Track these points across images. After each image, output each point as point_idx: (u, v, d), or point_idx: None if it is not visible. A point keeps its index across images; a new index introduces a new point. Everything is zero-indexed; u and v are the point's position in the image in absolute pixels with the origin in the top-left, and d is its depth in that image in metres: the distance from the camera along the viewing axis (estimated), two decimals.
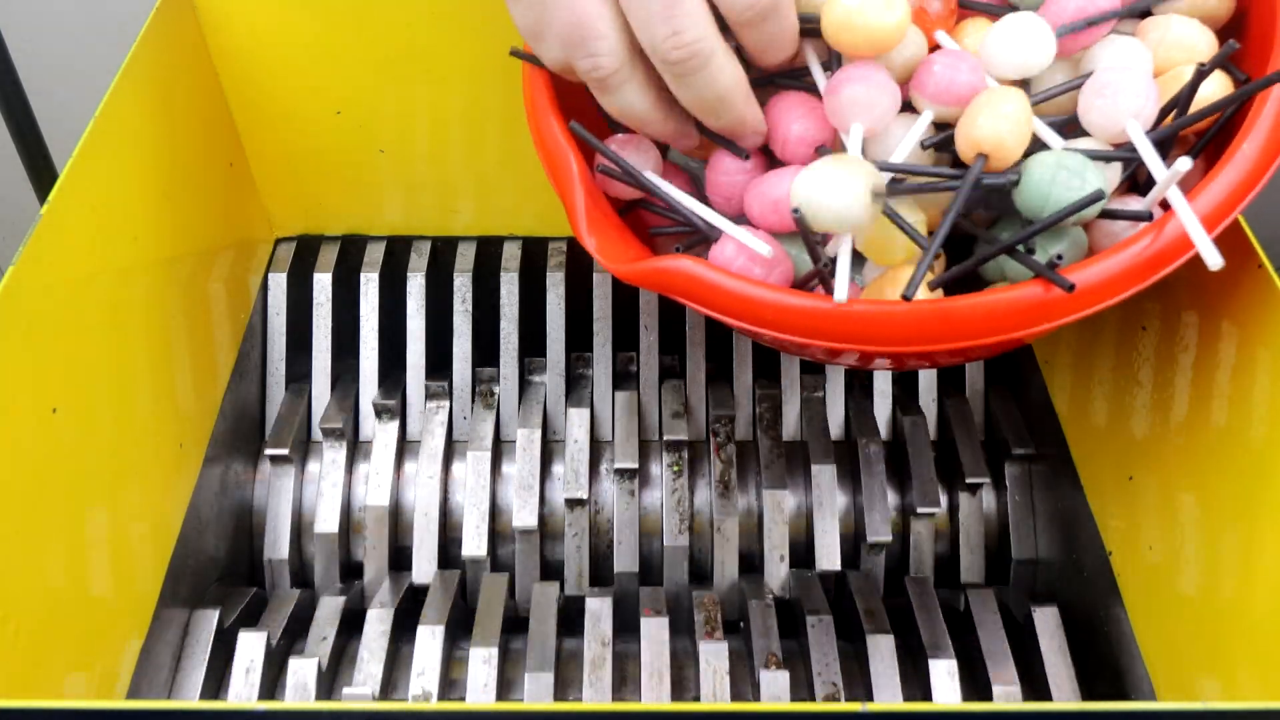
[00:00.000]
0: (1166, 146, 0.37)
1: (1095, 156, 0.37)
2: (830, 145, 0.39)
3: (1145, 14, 0.41)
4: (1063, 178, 0.35)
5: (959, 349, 0.36)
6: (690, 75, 0.38)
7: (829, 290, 0.36)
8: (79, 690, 0.42)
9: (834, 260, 0.36)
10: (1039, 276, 0.35)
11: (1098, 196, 0.34)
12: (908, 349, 0.35)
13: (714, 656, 0.49)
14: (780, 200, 0.39)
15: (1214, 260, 0.33)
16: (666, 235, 0.43)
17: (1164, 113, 0.38)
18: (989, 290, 0.36)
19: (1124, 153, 0.37)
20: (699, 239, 0.41)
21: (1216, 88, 0.38)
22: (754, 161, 0.41)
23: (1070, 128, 0.39)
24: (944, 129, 0.38)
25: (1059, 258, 0.35)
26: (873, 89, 0.37)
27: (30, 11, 0.86)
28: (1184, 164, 0.34)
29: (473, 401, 0.61)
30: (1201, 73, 0.36)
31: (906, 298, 0.34)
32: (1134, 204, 0.37)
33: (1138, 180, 0.39)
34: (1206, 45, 0.39)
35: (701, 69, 0.37)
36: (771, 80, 0.41)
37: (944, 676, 0.49)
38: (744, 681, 0.51)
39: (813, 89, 0.40)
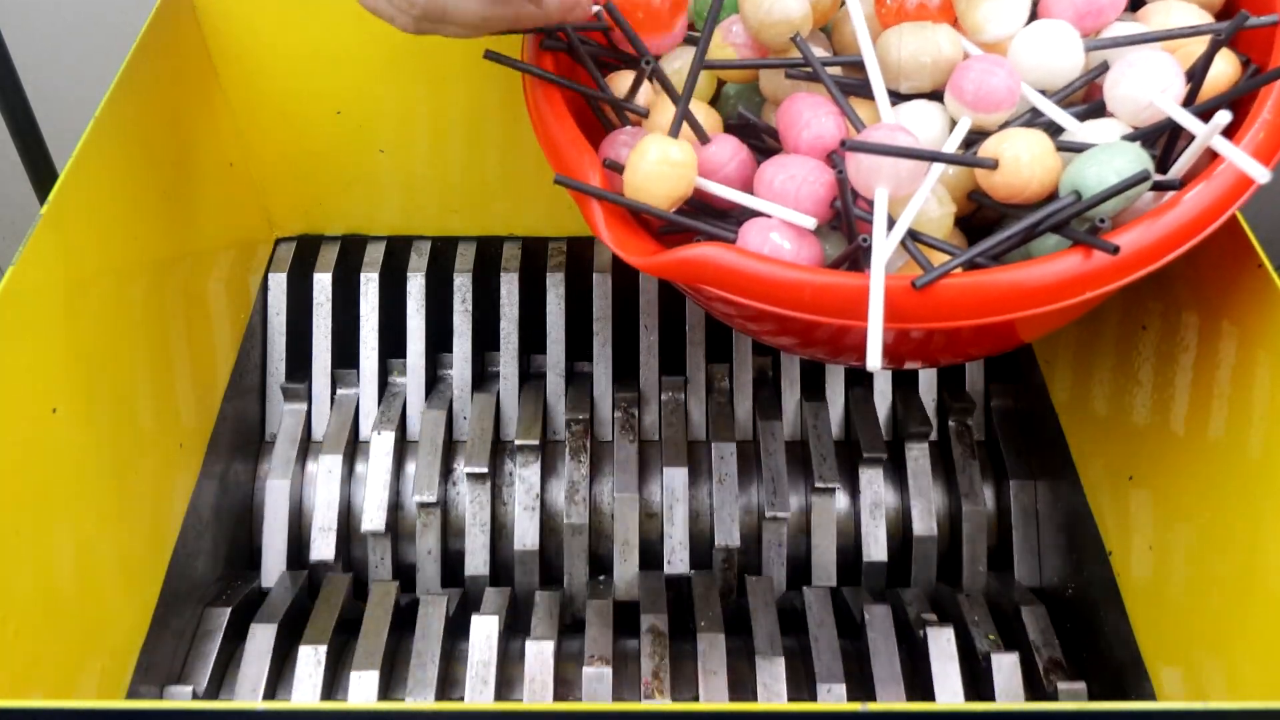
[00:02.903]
0: (1175, 132, 0.37)
1: (1127, 140, 0.37)
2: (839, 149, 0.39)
3: (1140, 5, 0.42)
4: (1113, 178, 0.35)
5: (992, 327, 0.36)
6: (441, 25, 0.39)
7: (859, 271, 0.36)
8: (79, 690, 0.42)
9: (870, 238, 0.36)
10: (1080, 244, 0.35)
11: (1144, 176, 0.34)
12: (955, 324, 0.35)
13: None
14: (797, 175, 0.38)
15: (1262, 173, 0.34)
16: (674, 234, 0.43)
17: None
18: (1033, 260, 0.35)
19: (1147, 130, 0.37)
20: (709, 237, 0.41)
21: (1224, 65, 0.38)
22: (745, 151, 0.41)
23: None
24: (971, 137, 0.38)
25: (1102, 221, 0.35)
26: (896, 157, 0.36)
27: (30, 11, 0.86)
28: (1223, 116, 0.34)
29: (473, 399, 0.61)
30: (1217, 41, 0.36)
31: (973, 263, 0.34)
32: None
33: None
34: (1208, 24, 0.39)
35: (442, 20, 0.38)
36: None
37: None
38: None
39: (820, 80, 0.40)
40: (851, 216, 0.36)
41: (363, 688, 0.49)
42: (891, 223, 0.36)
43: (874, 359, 0.33)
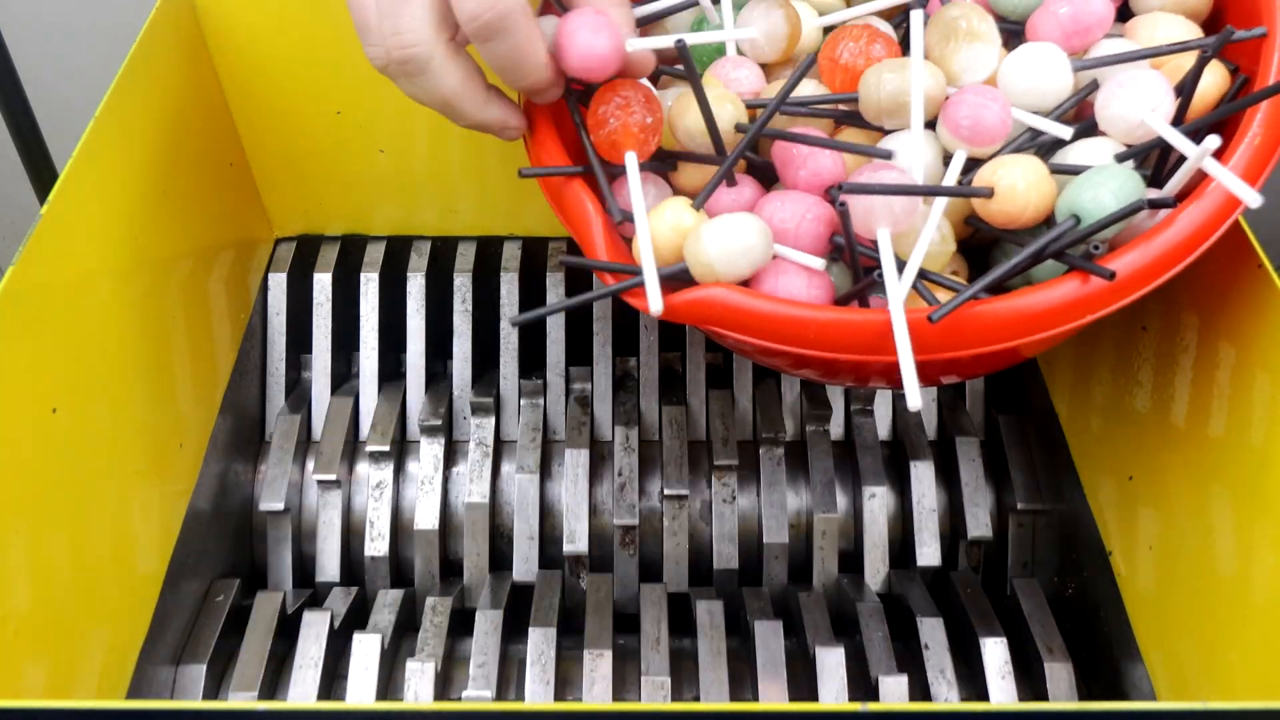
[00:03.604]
0: (1168, 148, 0.37)
1: (1120, 158, 0.37)
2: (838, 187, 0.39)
3: (1126, 14, 0.42)
4: (1109, 200, 0.35)
5: (1008, 350, 0.36)
6: (411, 78, 0.39)
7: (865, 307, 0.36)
8: (79, 690, 0.42)
9: (878, 271, 0.36)
10: (1075, 270, 0.35)
11: (1140, 206, 0.35)
12: (969, 353, 0.36)
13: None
14: (796, 212, 0.38)
15: (1253, 198, 0.34)
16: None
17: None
18: (1036, 286, 0.36)
19: (1139, 148, 0.37)
20: None
21: (1212, 76, 0.39)
22: (753, 189, 0.41)
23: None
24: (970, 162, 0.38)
25: (1096, 248, 0.35)
26: (891, 196, 0.36)
27: (30, 11, 0.86)
28: (1212, 141, 0.34)
29: (473, 400, 0.61)
30: (1205, 58, 0.36)
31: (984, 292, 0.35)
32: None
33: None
34: (1195, 39, 0.39)
35: (420, 73, 0.38)
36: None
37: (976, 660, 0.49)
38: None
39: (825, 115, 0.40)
40: (856, 253, 0.36)
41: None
42: (898, 260, 0.36)
43: (914, 399, 0.33)
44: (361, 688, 0.50)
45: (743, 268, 0.37)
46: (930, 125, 0.39)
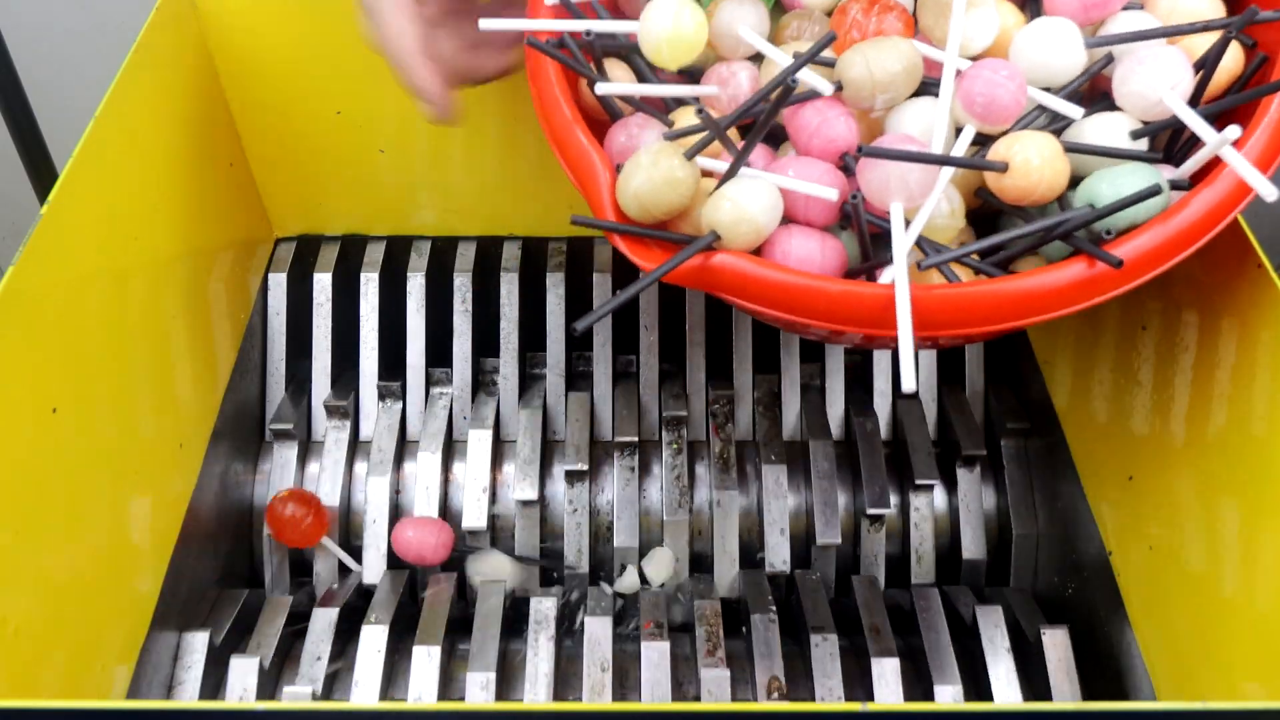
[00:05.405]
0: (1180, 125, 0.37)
1: (1135, 135, 0.37)
2: (853, 153, 0.38)
3: None
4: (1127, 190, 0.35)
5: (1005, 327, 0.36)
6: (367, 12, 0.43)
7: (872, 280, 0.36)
8: (79, 690, 0.42)
9: (887, 249, 0.36)
10: (1081, 253, 0.35)
11: (1157, 190, 0.35)
12: (969, 331, 0.35)
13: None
14: (809, 179, 0.38)
15: (1270, 191, 0.34)
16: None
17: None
18: (1048, 267, 0.36)
19: (1156, 125, 0.37)
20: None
21: (1230, 58, 0.38)
22: (764, 157, 0.41)
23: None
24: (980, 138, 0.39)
25: (1108, 233, 0.35)
26: (904, 167, 0.36)
27: (30, 11, 0.86)
28: (1233, 131, 0.34)
29: (473, 400, 0.61)
30: (1227, 38, 0.36)
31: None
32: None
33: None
34: (1214, 14, 0.39)
35: (372, 11, 0.43)
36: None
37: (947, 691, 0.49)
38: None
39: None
40: (865, 229, 0.36)
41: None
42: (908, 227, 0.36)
43: (909, 381, 0.33)
44: (368, 683, 0.50)
45: (758, 230, 0.37)
46: (918, 95, 0.39)
